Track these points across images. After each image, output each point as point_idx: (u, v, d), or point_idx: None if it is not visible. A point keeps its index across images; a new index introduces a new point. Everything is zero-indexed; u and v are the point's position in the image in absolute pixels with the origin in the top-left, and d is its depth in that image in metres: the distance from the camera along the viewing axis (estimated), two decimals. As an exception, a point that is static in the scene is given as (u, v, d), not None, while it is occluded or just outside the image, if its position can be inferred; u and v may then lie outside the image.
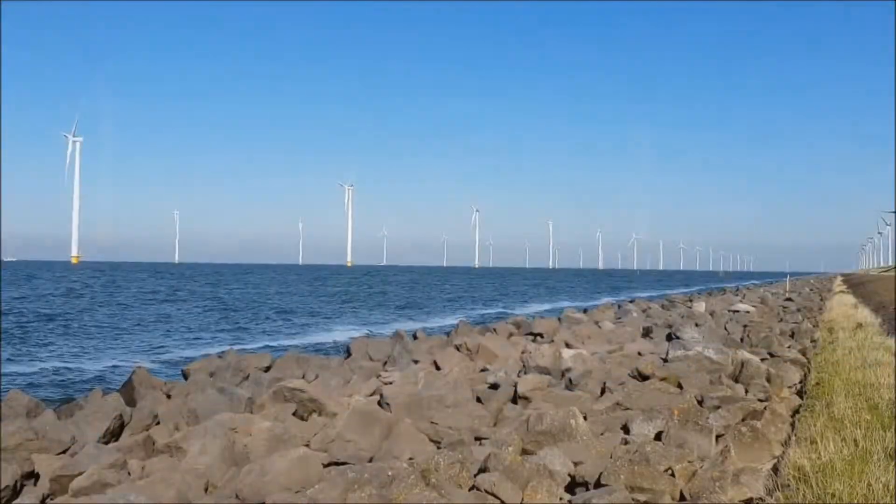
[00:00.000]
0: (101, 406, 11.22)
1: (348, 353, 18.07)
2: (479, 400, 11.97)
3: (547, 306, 60.34)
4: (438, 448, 8.94)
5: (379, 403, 10.96)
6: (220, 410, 10.52)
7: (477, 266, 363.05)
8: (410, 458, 8.41)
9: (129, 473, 8.27)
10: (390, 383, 12.28)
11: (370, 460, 8.57)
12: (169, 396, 12.82)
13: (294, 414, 10.72)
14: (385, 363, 16.27)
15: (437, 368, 14.81)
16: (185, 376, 15.38)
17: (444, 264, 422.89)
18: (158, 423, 10.80)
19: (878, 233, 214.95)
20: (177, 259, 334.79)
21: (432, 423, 10.10)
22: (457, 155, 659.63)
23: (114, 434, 10.50)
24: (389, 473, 7.16)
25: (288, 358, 15.71)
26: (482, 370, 14.95)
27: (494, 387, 12.68)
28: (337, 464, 8.22)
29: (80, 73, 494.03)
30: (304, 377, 13.72)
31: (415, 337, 20.50)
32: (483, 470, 7.46)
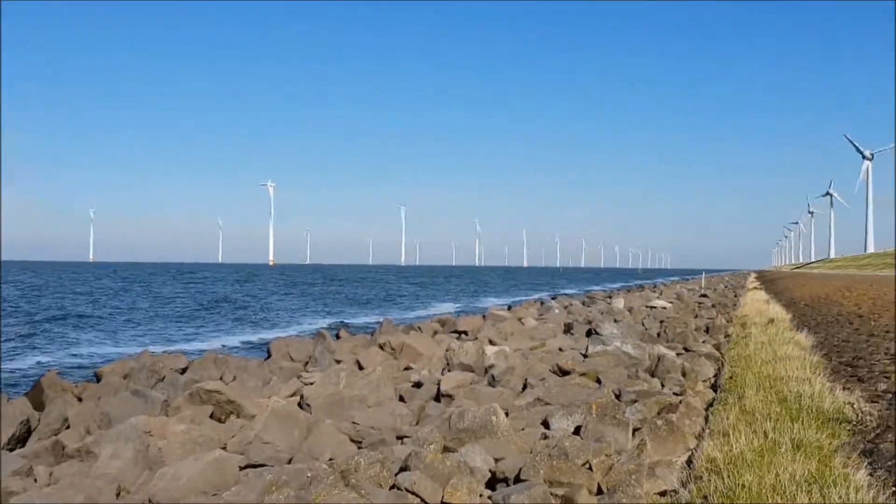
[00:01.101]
0: (5, 411, 10.75)
1: (268, 353, 17.78)
2: (401, 399, 11.95)
3: (473, 303, 60.71)
4: (359, 448, 8.87)
5: (299, 404, 10.82)
6: (134, 413, 10.24)
7: (404, 264, 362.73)
8: (331, 459, 8.31)
9: (35, 480, 7.94)
10: (311, 384, 12.12)
11: (289, 462, 8.43)
12: (80, 400, 12.40)
13: (211, 416, 10.50)
14: (306, 363, 16.08)
15: (360, 368, 14.71)
16: (98, 379, 14.90)
17: (370, 262, 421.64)
18: (68, 428, 10.42)
19: (787, 234, 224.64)
20: (91, 258, 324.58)
21: (353, 423, 10.02)
22: (383, 152, 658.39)
23: (20, 440, 10.09)
24: (309, 475, 7.06)
25: (205, 359, 15.36)
26: (406, 369, 14.93)
27: (418, 385, 12.67)
28: (255, 466, 8.06)
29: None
30: (221, 379, 13.45)
31: (337, 336, 20.34)
32: (404, 469, 7.43)
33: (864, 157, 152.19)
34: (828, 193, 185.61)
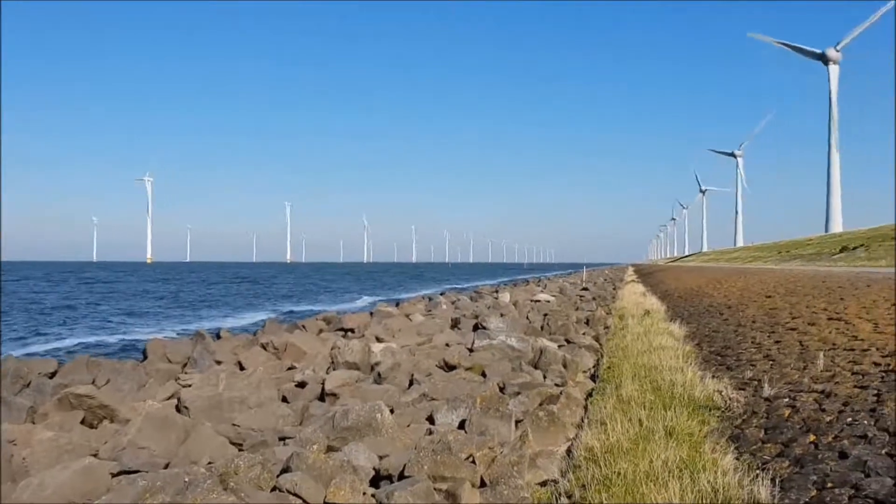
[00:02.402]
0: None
1: (144, 355, 17.08)
2: (284, 399, 11.73)
3: (364, 300, 60.41)
4: (240, 450, 8.65)
5: (177, 408, 10.45)
6: (-4, 422, 9.62)
7: (289, 261, 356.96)
8: (210, 463, 8.07)
9: None
10: (189, 386, 11.74)
11: (166, 467, 8.12)
12: (-65, 409, 11.57)
13: (82, 422, 10.02)
14: (185, 365, 15.54)
15: (242, 369, 14.36)
16: (-44, 386, 13.93)
17: (254, 259, 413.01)
18: (-80, 441, 9.69)
19: (672, 219, 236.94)
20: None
21: (234, 425, 9.77)
22: (265, 148, 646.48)
23: None
24: (186, 479, 6.82)
25: (76, 362, 14.62)
26: (289, 368, 14.65)
27: (301, 385, 12.46)
28: (128, 472, 7.72)
29: None
30: (93, 382, 12.84)
31: (218, 337, 19.77)
32: (286, 470, 7.29)
33: (734, 154, 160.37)
34: (702, 191, 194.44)
